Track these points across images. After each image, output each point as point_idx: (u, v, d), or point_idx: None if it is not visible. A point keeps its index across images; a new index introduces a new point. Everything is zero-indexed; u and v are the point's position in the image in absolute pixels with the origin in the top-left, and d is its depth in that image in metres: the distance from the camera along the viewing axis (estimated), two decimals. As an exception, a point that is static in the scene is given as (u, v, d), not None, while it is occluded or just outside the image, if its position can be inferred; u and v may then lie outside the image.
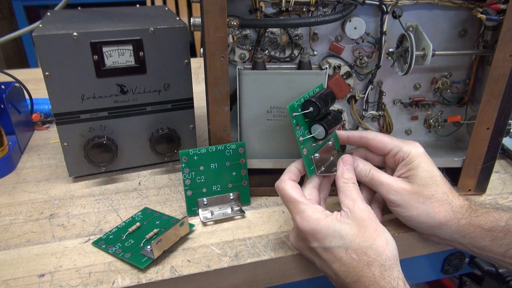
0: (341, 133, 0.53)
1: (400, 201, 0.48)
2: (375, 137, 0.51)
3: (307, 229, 0.44)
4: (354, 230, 0.42)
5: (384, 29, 0.53)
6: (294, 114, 0.47)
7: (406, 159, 0.49)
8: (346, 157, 0.50)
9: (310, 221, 0.44)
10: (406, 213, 0.48)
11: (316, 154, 0.50)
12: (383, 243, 0.42)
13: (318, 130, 0.48)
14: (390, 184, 0.48)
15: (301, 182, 0.50)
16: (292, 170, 0.49)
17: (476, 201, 0.49)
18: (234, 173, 0.56)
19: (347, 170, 0.48)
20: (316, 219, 0.44)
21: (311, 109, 0.48)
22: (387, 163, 0.52)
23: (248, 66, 0.54)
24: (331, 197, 0.54)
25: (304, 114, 0.48)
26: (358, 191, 0.46)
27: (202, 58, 0.54)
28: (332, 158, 0.51)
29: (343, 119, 0.50)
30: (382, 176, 0.49)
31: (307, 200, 0.45)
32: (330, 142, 0.52)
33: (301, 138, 0.48)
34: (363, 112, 0.60)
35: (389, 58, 0.55)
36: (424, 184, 0.47)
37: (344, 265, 0.42)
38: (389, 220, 0.55)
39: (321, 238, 0.43)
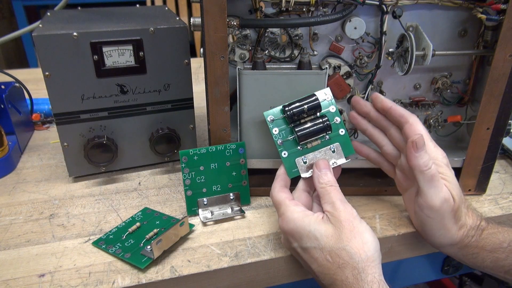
0: (387, 101, 0.50)
1: (439, 213, 0.45)
2: (414, 124, 0.48)
3: (286, 230, 0.45)
4: (330, 232, 0.42)
5: (384, 29, 0.53)
6: (270, 119, 0.50)
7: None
8: (320, 162, 0.48)
9: (288, 222, 0.45)
10: (433, 227, 0.47)
11: (303, 157, 0.50)
12: (357, 245, 0.41)
13: (294, 134, 0.50)
14: (444, 191, 0.45)
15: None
16: (280, 175, 0.50)
17: (485, 218, 0.49)
18: (234, 173, 0.56)
19: (323, 174, 0.47)
20: (293, 220, 0.44)
21: (285, 114, 0.50)
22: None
23: (248, 66, 0.54)
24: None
25: (282, 118, 0.50)
26: (336, 193, 0.45)
27: (202, 58, 0.54)
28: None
29: (330, 127, 0.50)
30: (440, 179, 0.46)
31: (289, 202, 0.46)
32: (332, 147, 0.51)
33: (279, 141, 0.50)
34: (363, 112, 0.60)
35: (389, 58, 0.55)
36: (461, 203, 0.46)
37: (320, 266, 0.42)
38: (389, 220, 0.55)
39: (298, 238, 0.44)
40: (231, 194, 0.57)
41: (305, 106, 0.49)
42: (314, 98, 0.50)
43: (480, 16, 0.50)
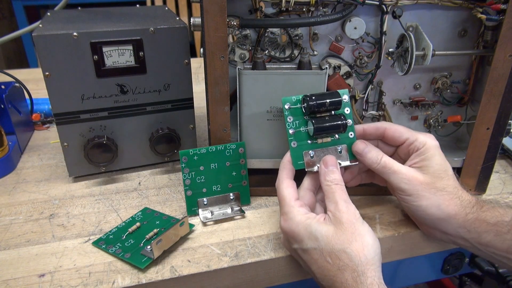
0: (357, 127, 0.52)
1: (412, 190, 0.47)
2: (391, 126, 0.50)
3: (287, 231, 0.45)
4: (330, 233, 0.42)
5: (384, 29, 0.53)
6: (287, 106, 0.49)
7: (421, 149, 0.48)
8: (328, 158, 0.48)
9: (291, 224, 0.44)
10: (416, 203, 0.47)
11: (311, 152, 0.50)
12: (358, 248, 0.41)
13: (309, 126, 0.49)
14: (403, 173, 0.47)
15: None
16: (286, 165, 0.49)
17: (482, 198, 0.49)
18: (234, 173, 0.56)
19: (330, 171, 0.47)
20: (295, 221, 0.44)
21: (304, 104, 0.49)
22: (399, 153, 0.51)
23: (248, 66, 0.54)
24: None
25: (298, 108, 0.49)
26: (341, 192, 0.45)
27: (202, 58, 0.54)
28: None
29: (347, 123, 0.50)
30: (394, 165, 0.48)
31: (294, 202, 0.46)
32: (339, 148, 0.50)
33: (291, 131, 0.49)
34: (363, 112, 0.60)
35: (389, 58, 0.55)
36: (437, 176, 0.47)
37: (320, 267, 0.42)
38: (389, 220, 0.55)
39: (299, 239, 0.44)
40: (231, 194, 0.57)
41: (327, 101, 0.48)
42: (336, 94, 0.49)
43: (480, 16, 0.51)
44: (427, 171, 0.47)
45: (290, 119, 0.49)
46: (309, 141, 0.50)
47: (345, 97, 0.50)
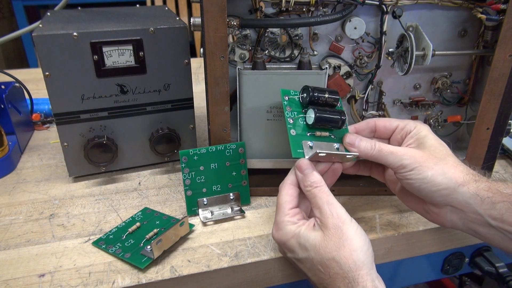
0: (349, 127, 0.51)
1: (414, 163, 0.45)
2: (379, 118, 0.50)
3: (278, 241, 0.45)
4: (318, 241, 0.41)
5: (384, 29, 0.53)
6: (286, 97, 0.49)
7: (413, 131, 0.48)
8: (300, 162, 0.46)
9: (281, 233, 0.44)
10: (421, 175, 0.45)
11: (310, 142, 0.48)
12: (346, 254, 0.40)
13: (310, 114, 0.48)
14: (401, 151, 0.46)
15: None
16: (296, 171, 0.48)
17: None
18: (234, 173, 0.56)
19: (306, 175, 0.45)
20: (285, 232, 0.44)
21: (304, 95, 0.49)
22: (392, 142, 0.51)
23: (248, 66, 0.54)
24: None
25: (297, 100, 0.49)
26: (323, 195, 0.44)
27: (202, 58, 0.54)
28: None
29: (345, 119, 0.49)
30: (390, 147, 0.47)
31: (288, 211, 0.45)
32: (336, 145, 0.49)
33: (290, 120, 0.48)
34: (363, 112, 0.60)
35: (389, 58, 0.55)
36: (435, 150, 0.46)
37: (314, 275, 0.42)
38: (389, 220, 0.55)
39: (291, 250, 0.44)
40: (231, 194, 0.57)
41: (326, 94, 0.48)
42: (335, 91, 0.49)
43: (480, 16, 0.51)
44: (424, 147, 0.46)
45: (288, 109, 0.49)
46: (307, 134, 0.48)
47: (338, 104, 0.50)
